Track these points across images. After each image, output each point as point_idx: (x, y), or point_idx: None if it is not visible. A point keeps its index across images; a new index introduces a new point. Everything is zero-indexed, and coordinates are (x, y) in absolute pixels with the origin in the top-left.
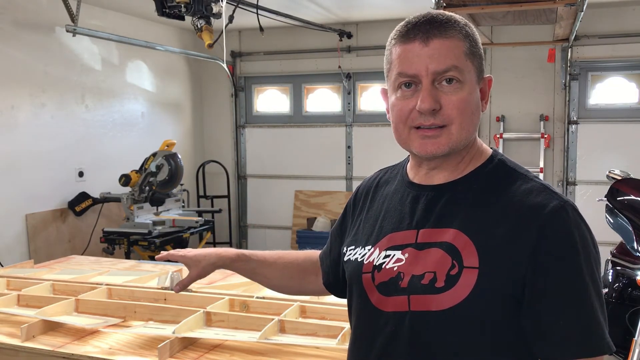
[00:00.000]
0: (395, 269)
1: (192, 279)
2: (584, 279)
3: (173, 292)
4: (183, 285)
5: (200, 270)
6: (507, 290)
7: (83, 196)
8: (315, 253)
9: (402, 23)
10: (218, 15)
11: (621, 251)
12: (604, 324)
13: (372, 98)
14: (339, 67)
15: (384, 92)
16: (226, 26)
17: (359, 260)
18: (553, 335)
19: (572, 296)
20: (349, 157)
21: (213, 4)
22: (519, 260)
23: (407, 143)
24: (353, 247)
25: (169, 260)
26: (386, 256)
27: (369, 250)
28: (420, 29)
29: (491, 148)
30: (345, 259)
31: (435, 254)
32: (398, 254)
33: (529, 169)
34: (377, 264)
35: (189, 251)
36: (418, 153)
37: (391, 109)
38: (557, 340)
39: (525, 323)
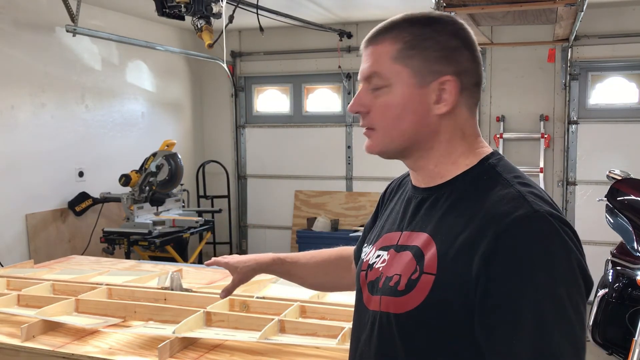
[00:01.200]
0: (380, 269)
1: (234, 284)
2: (537, 298)
3: (173, 292)
4: (227, 291)
5: (242, 276)
6: (460, 299)
7: (83, 196)
8: (348, 249)
9: None
10: (218, 15)
11: (621, 251)
12: (555, 349)
13: None
14: (339, 67)
15: None
16: (226, 26)
17: (362, 258)
18: (499, 349)
19: (519, 312)
20: (349, 157)
21: (213, 4)
22: (472, 269)
23: None
24: (367, 244)
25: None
26: (377, 256)
27: (370, 249)
28: (366, 39)
29: (493, 150)
30: (360, 256)
31: (405, 257)
32: (384, 254)
33: (529, 169)
34: (370, 263)
35: (231, 258)
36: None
37: None
38: (502, 354)
39: (477, 332)
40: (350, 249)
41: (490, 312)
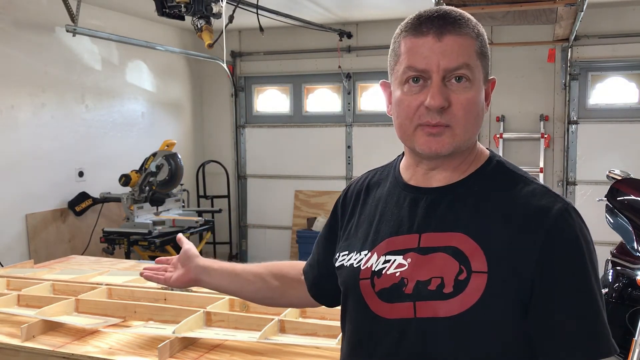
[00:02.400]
0: (397, 274)
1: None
2: (591, 282)
3: (173, 292)
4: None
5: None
6: (516, 294)
7: (83, 196)
8: (298, 263)
9: (413, 16)
10: (218, 15)
11: (621, 251)
12: (607, 326)
13: (372, 98)
14: (339, 67)
15: (385, 85)
16: (226, 26)
17: (355, 265)
18: (561, 336)
19: (580, 298)
20: (349, 157)
21: (213, 4)
22: (527, 263)
23: (411, 140)
24: (347, 252)
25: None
26: (386, 261)
27: (366, 255)
28: (434, 24)
29: (487, 149)
30: (338, 264)
31: (441, 258)
32: (399, 259)
33: (529, 169)
34: (376, 270)
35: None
36: (422, 151)
37: (397, 104)
38: (565, 341)
39: (532, 325)
40: (299, 264)
41: (549, 298)
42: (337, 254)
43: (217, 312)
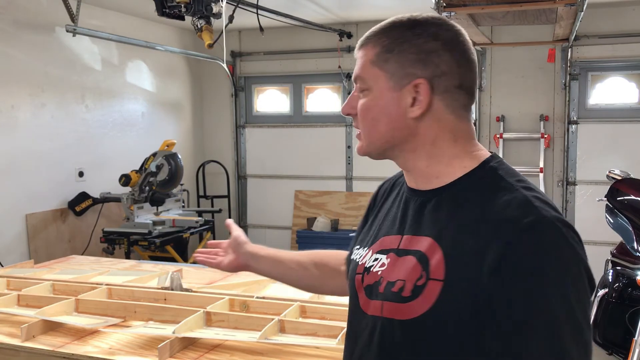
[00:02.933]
0: (379, 272)
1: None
2: (550, 300)
3: (173, 292)
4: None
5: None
6: (468, 305)
7: (83, 196)
8: (341, 253)
9: None
10: (218, 15)
11: (621, 251)
12: (570, 348)
13: None
14: (339, 67)
15: None
16: (226, 26)
17: (356, 260)
18: (512, 354)
19: (535, 317)
20: (349, 157)
21: (213, 4)
22: (482, 276)
23: None
24: (358, 247)
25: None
26: (375, 259)
27: (365, 251)
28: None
29: (490, 152)
30: (350, 257)
31: (409, 262)
32: (383, 258)
33: (529, 169)
34: (367, 266)
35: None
36: None
37: None
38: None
39: (487, 339)
40: (342, 254)
41: (501, 318)
42: (353, 248)
43: (217, 312)
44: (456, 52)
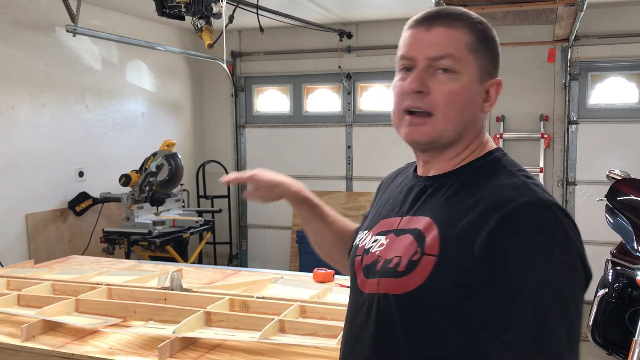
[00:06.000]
0: (377, 252)
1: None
2: (537, 283)
3: (173, 292)
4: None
5: (267, 193)
6: (460, 280)
7: (83, 196)
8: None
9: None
10: (218, 15)
11: (621, 251)
12: (558, 327)
13: (372, 98)
14: (339, 67)
15: None
16: (226, 26)
17: (357, 243)
18: (499, 329)
19: (522, 295)
20: (349, 157)
21: (213, 4)
22: (473, 250)
23: (398, 128)
24: (361, 231)
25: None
26: (374, 241)
27: (366, 234)
28: (429, 17)
29: (497, 147)
30: (354, 243)
31: (405, 240)
32: (382, 239)
33: (529, 169)
34: (367, 248)
35: (259, 175)
36: (405, 140)
37: (392, 92)
38: (502, 336)
39: (475, 314)
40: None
41: (490, 292)
42: (359, 232)
43: (217, 312)
44: None
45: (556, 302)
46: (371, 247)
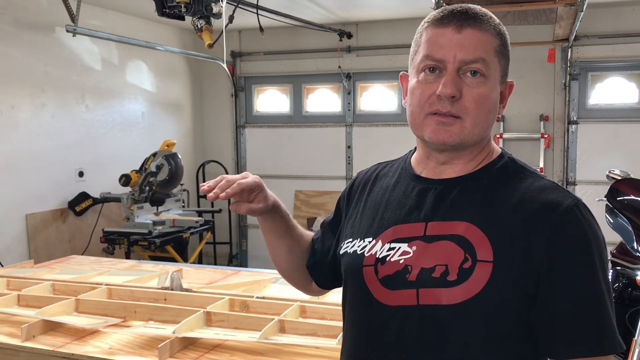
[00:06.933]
0: (401, 261)
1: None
2: (598, 278)
3: (173, 292)
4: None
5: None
6: (521, 285)
7: (83, 196)
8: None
9: (438, 9)
10: (218, 15)
11: (621, 251)
12: (614, 322)
13: (372, 98)
14: (339, 67)
15: (404, 78)
16: (226, 26)
17: (358, 252)
18: (566, 332)
19: (587, 294)
20: (349, 157)
21: (213, 4)
22: (533, 255)
23: (420, 128)
24: (350, 239)
25: None
26: (390, 248)
27: (370, 242)
28: (456, 16)
29: (500, 148)
30: (342, 251)
31: (446, 246)
32: (404, 246)
33: None
34: (380, 257)
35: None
36: (429, 139)
37: (411, 92)
38: (569, 338)
39: (536, 319)
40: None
41: (555, 292)
42: (342, 242)
43: (217, 312)
44: None
45: (607, 293)
46: (388, 255)
